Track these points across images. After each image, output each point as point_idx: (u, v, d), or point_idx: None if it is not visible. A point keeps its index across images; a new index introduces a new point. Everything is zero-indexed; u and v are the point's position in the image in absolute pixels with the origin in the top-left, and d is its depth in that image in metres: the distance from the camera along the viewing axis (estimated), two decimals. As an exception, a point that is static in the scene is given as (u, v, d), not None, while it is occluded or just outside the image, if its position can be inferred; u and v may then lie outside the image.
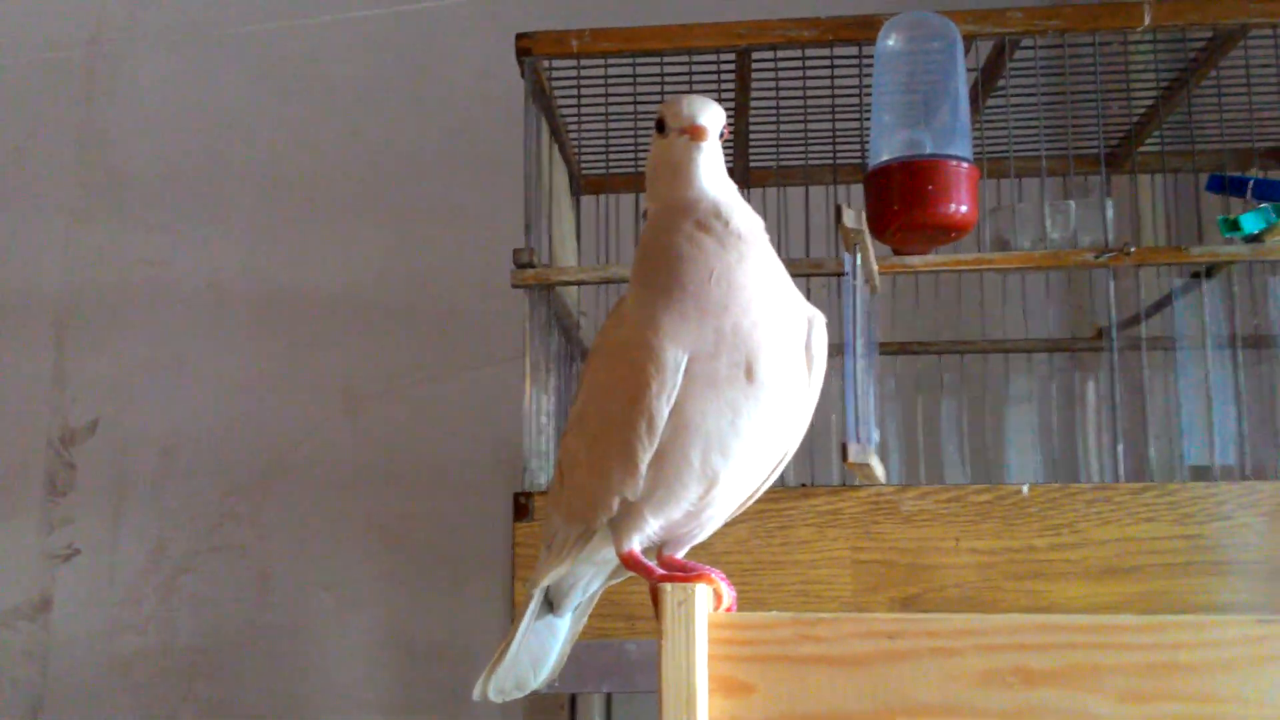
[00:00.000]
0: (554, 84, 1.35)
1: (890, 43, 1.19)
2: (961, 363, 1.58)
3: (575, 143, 1.51)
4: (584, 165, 1.57)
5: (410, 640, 2.09)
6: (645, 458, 0.70)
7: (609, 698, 1.90)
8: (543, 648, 0.85)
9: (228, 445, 2.14)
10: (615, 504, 0.73)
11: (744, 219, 0.74)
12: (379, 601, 2.10)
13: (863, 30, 1.23)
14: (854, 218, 0.97)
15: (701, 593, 0.65)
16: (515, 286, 1.26)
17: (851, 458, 0.94)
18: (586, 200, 1.60)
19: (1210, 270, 1.24)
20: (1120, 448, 1.19)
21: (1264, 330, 1.31)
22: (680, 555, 0.76)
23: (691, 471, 0.71)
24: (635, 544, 0.74)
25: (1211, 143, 1.42)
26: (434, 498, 2.13)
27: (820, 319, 0.74)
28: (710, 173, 0.75)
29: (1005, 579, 1.15)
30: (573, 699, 1.89)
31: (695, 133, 0.74)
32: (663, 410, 0.70)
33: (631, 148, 1.48)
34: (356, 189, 2.23)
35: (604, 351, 0.75)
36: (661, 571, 0.72)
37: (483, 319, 2.18)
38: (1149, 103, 1.41)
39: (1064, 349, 1.61)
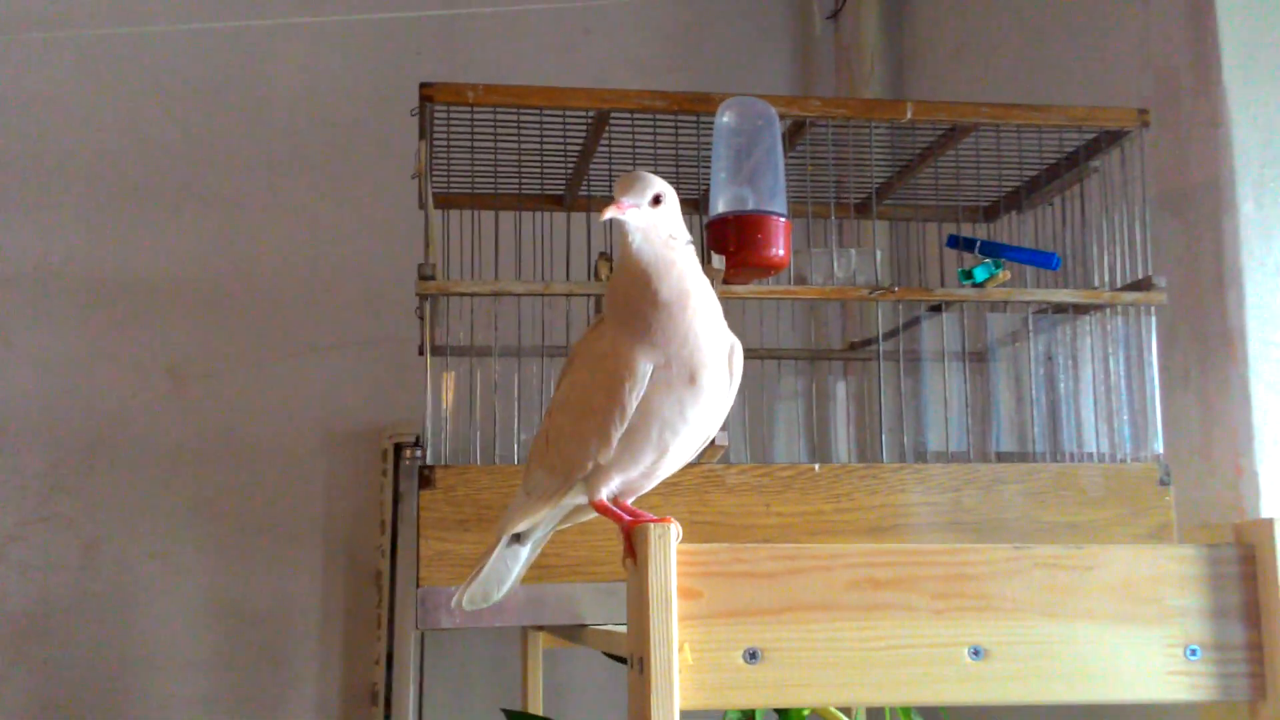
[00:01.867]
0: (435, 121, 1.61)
1: (725, 119, 1.53)
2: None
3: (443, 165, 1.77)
4: (476, 186, 1.81)
5: (233, 605, 2.27)
6: (617, 435, 1.01)
7: (421, 693, 2.18)
8: (506, 569, 1.14)
9: (55, 420, 2.24)
10: (590, 465, 1.03)
11: (672, 287, 0.99)
12: (203, 569, 2.27)
13: (702, 104, 1.56)
14: (719, 261, 1.29)
15: (674, 529, 0.96)
16: (419, 295, 1.50)
17: (718, 441, 1.28)
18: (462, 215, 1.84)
19: (947, 304, 1.66)
20: (884, 436, 1.58)
21: (983, 350, 1.74)
22: (630, 502, 1.07)
23: (650, 444, 1.01)
24: (603, 494, 1.04)
25: (948, 202, 1.84)
26: (255, 472, 2.32)
27: (738, 345, 1.06)
28: (640, 239, 0.99)
29: (802, 535, 1.51)
30: (388, 695, 2.16)
31: (614, 207, 0.98)
32: (632, 404, 1.00)
33: (516, 174, 1.75)
34: (183, 182, 2.38)
35: (588, 356, 1.04)
36: (629, 518, 1.03)
37: (302, 308, 2.39)
38: (904, 168, 1.83)
39: (823, 357, 2.01)
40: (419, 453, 2.22)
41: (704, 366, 1.01)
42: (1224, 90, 1.66)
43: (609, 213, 0.99)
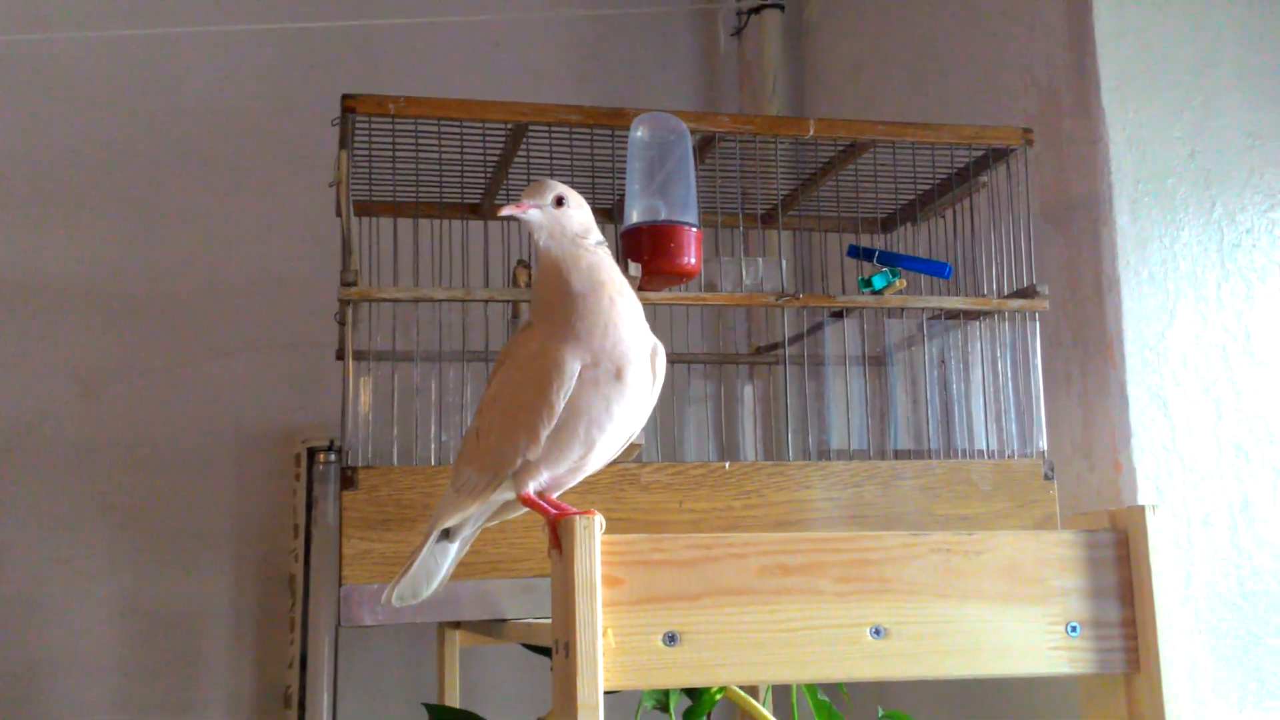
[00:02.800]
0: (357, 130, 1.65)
1: (639, 134, 1.59)
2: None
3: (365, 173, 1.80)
4: (397, 194, 1.85)
5: (144, 609, 2.27)
6: (545, 432, 1.06)
7: (335, 695, 2.21)
8: (436, 566, 1.18)
9: (-41, 426, 2.22)
10: (519, 461, 1.08)
11: (583, 277, 1.07)
12: (113, 573, 2.27)
13: (616, 119, 1.63)
14: (636, 269, 1.36)
15: (598, 520, 1.03)
16: (342, 301, 1.54)
17: (635, 440, 1.34)
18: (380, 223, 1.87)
19: (848, 310, 1.75)
20: (790, 435, 1.66)
21: (881, 354, 1.84)
22: (555, 496, 1.13)
23: (577, 439, 1.07)
24: (531, 488, 1.10)
25: (848, 214, 1.94)
26: (166, 477, 2.32)
27: (661, 347, 1.12)
28: (545, 237, 1.06)
29: (713, 530, 1.58)
30: (301, 697, 2.19)
31: (515, 206, 1.06)
32: (560, 402, 1.06)
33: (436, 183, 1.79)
34: (91, 187, 2.37)
35: (519, 356, 1.10)
36: (555, 511, 1.08)
37: (212, 313, 2.39)
38: (807, 181, 1.92)
39: (731, 361, 2.09)
40: (333, 457, 2.25)
41: (630, 363, 1.07)
42: (1102, 111, 1.78)
43: (507, 209, 1.05)
